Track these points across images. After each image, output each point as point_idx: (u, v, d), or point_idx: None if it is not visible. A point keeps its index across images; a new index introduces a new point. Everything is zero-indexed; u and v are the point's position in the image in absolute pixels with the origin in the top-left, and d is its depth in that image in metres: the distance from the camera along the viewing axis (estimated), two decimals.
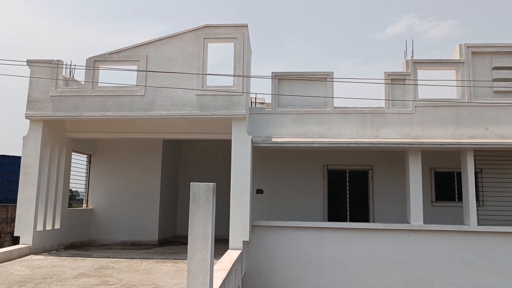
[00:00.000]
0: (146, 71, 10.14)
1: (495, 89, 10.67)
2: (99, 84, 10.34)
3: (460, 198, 10.94)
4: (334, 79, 10.92)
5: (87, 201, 13.30)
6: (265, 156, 12.42)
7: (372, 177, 12.54)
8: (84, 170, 13.35)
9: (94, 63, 10.31)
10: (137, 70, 10.23)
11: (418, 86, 10.78)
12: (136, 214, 13.09)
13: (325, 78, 10.96)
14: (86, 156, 13.35)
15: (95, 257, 9.71)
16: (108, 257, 9.75)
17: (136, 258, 9.56)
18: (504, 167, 11.51)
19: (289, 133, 10.83)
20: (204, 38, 10.19)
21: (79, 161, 12.98)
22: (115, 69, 10.51)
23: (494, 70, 10.70)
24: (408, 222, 10.42)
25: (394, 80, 10.88)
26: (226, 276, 6.37)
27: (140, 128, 11.29)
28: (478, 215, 10.19)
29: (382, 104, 10.88)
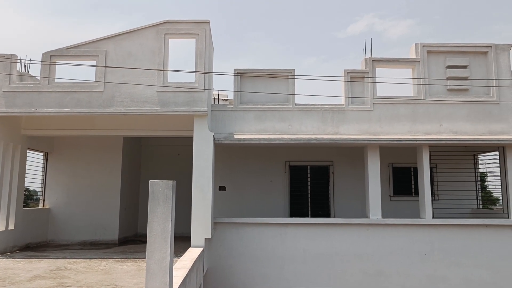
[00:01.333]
0: (105, 66, 9.91)
1: (448, 87, 11.06)
2: (56, 80, 10.04)
3: (417, 193, 11.31)
4: (296, 77, 11.03)
5: (44, 200, 12.89)
6: (228, 153, 12.41)
7: (332, 172, 12.76)
8: (41, 169, 12.92)
9: (50, 58, 9.99)
10: (96, 66, 9.98)
11: (377, 83, 11.04)
12: (96, 213, 12.80)
13: (286, 75, 11.05)
14: (42, 154, 12.92)
15: (51, 258, 9.44)
16: (65, 257, 9.50)
17: (95, 258, 9.37)
18: (458, 162, 12.00)
19: (251, 130, 10.87)
20: (165, 33, 10.05)
21: (35, 159, 12.55)
22: (73, 64, 10.22)
23: (448, 69, 11.10)
24: (367, 217, 10.68)
25: (353, 77, 11.10)
26: (186, 274, 6.34)
27: (100, 125, 11.02)
28: (433, 208, 10.58)
29: (342, 101, 11.08)
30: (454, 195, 11.45)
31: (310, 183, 12.69)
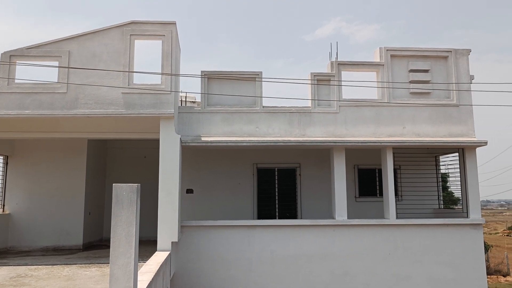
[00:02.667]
0: (68, 67, 9.67)
1: (411, 90, 11.37)
2: (16, 81, 9.71)
3: (381, 193, 11.55)
4: (263, 79, 11.08)
5: (4, 205, 12.44)
6: (195, 156, 12.33)
7: (300, 174, 12.88)
8: (0, 173, 12.47)
9: (10, 58, 9.67)
10: (59, 67, 9.73)
11: (342, 86, 11.23)
12: (59, 217, 12.45)
13: (254, 78, 11.09)
14: (2, 157, 12.48)
15: (11, 265, 9.12)
16: (26, 264, 9.20)
17: (57, 264, 9.12)
18: (420, 163, 12.33)
19: (218, 132, 10.85)
20: (130, 34, 9.91)
21: None
22: (34, 64, 9.91)
23: (411, 73, 11.41)
24: (333, 218, 10.83)
25: (320, 81, 11.25)
26: (152, 279, 6.26)
27: (63, 127, 10.74)
28: (397, 209, 10.84)
29: (309, 104, 11.21)
30: (417, 196, 11.78)
31: (278, 185, 12.76)
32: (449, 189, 15.05)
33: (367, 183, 12.99)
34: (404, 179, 12.22)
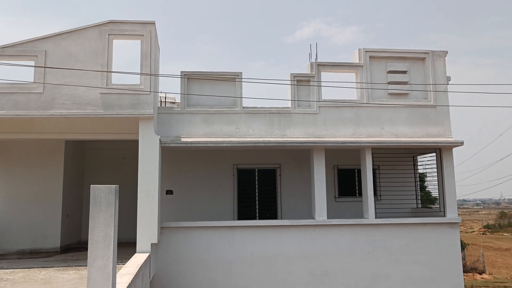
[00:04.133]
0: (44, 67, 9.50)
1: (389, 91, 11.52)
2: None
3: (361, 193, 11.67)
4: (243, 80, 11.08)
5: None
6: (175, 157, 12.25)
7: (280, 175, 12.91)
8: None
9: None
10: (34, 66, 9.54)
11: (322, 87, 11.31)
12: (36, 220, 12.18)
13: (234, 78, 11.08)
14: None
15: None
16: (1, 268, 8.98)
17: (34, 268, 8.93)
18: (398, 164, 12.51)
19: (198, 133, 10.80)
20: (108, 34, 9.78)
21: None
22: (9, 64, 9.69)
23: (389, 74, 11.56)
24: (313, 218, 10.90)
25: (299, 81, 11.31)
26: (131, 281, 6.19)
27: (39, 128, 10.52)
28: (376, 208, 10.97)
29: (289, 104, 11.25)
30: (395, 195, 11.93)
31: (258, 186, 12.77)
32: (426, 189, 15.32)
33: (346, 183, 13.11)
34: (383, 179, 12.37)
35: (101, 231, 4.85)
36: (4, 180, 12.31)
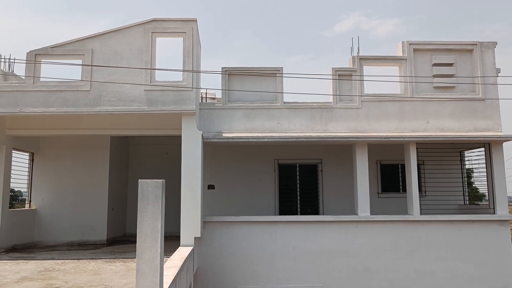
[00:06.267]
0: (91, 65, 9.80)
1: (435, 84, 11.18)
2: (41, 79, 9.89)
3: (404, 189, 11.42)
4: (284, 75, 11.04)
5: (30, 201, 12.71)
6: (216, 152, 12.38)
7: (321, 170, 12.81)
8: (26, 169, 12.74)
9: (35, 57, 9.86)
10: (82, 65, 9.87)
11: (364, 81, 11.10)
12: (83, 213, 12.66)
13: (274, 73, 11.06)
14: (28, 154, 12.74)
15: (39, 259, 9.32)
16: (53, 258, 9.38)
17: (83, 259, 9.27)
18: (444, 159, 12.13)
19: (239, 128, 10.86)
20: (152, 32, 9.98)
21: (20, 160, 12.37)
22: (58, 63, 10.08)
23: (434, 67, 11.20)
24: (355, 214, 10.75)
25: (341, 75, 11.15)
26: (177, 274, 6.31)
27: (86, 124, 10.90)
28: (420, 205, 10.68)
29: (330, 99, 11.12)
30: (441, 191, 11.58)
31: (299, 181, 12.72)
32: (473, 185, 14.79)
33: (389, 178, 12.85)
34: (428, 175, 12.04)
35: (149, 225, 4.95)
36: (54, 175, 12.83)
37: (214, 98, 15.61)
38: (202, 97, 14.45)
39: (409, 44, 11.24)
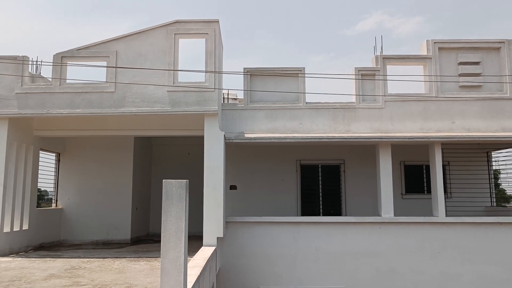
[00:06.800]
0: (116, 67, 9.95)
1: (461, 83, 10.96)
2: (67, 81, 10.10)
3: (429, 190, 11.22)
4: (306, 75, 11.00)
5: (57, 200, 12.99)
6: (239, 152, 12.41)
7: (344, 171, 12.71)
8: (53, 169, 13.03)
9: (61, 59, 10.06)
10: (107, 66, 10.03)
11: (388, 81, 10.97)
12: (108, 212, 12.87)
13: (297, 73, 11.02)
14: (54, 154, 13.03)
15: (65, 257, 9.51)
16: (79, 257, 9.57)
17: (108, 258, 9.42)
18: (470, 160, 11.88)
19: (261, 129, 10.86)
20: (175, 33, 10.07)
21: (47, 160, 12.66)
22: (84, 65, 10.28)
23: (460, 65, 10.99)
24: (379, 215, 10.62)
25: (364, 75, 11.04)
26: (200, 273, 6.35)
27: (111, 125, 11.07)
28: (446, 206, 10.49)
29: (353, 99, 11.03)
30: (467, 193, 11.35)
31: (321, 182, 12.66)
32: (501, 186, 14.45)
33: (414, 179, 12.67)
34: (453, 176, 11.82)
35: (173, 224, 4.99)
36: (79, 175, 13.09)
37: (235, 99, 15.66)
38: (223, 97, 14.52)
39: (434, 42, 11.06)
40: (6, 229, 9.82)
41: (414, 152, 12.16)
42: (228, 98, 15.01)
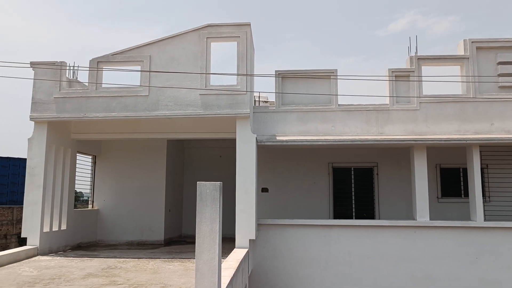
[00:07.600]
0: (149, 71, 10.14)
1: (500, 84, 10.63)
2: (103, 85, 10.36)
3: (466, 194, 10.91)
4: (338, 77, 10.90)
5: (93, 202, 13.33)
6: (270, 155, 12.41)
7: (377, 174, 12.51)
8: (89, 171, 13.38)
9: (97, 64, 10.33)
10: (141, 71, 10.24)
11: (423, 82, 10.74)
12: (142, 214, 13.11)
13: (329, 75, 10.94)
14: (90, 157, 13.37)
15: (102, 257, 9.74)
16: (115, 257, 9.78)
17: (143, 258, 9.59)
18: (510, 162, 11.47)
19: (293, 131, 10.83)
20: (207, 37, 10.18)
21: (84, 162, 13.02)
22: (119, 69, 10.53)
23: (499, 65, 10.66)
24: (414, 219, 10.40)
25: (398, 76, 10.85)
26: (233, 275, 6.38)
27: (145, 128, 11.29)
28: (484, 210, 10.16)
29: (387, 101, 10.86)
30: (507, 197, 10.97)
31: (354, 185, 12.50)
32: None
33: (450, 183, 12.31)
34: (492, 179, 11.44)
35: (207, 226, 5.04)
36: (114, 177, 13.38)
37: (266, 102, 15.69)
38: (255, 100, 14.56)
39: (472, 42, 10.77)
40: (46, 229, 10.15)
41: (450, 154, 11.85)
42: (259, 101, 15.04)
